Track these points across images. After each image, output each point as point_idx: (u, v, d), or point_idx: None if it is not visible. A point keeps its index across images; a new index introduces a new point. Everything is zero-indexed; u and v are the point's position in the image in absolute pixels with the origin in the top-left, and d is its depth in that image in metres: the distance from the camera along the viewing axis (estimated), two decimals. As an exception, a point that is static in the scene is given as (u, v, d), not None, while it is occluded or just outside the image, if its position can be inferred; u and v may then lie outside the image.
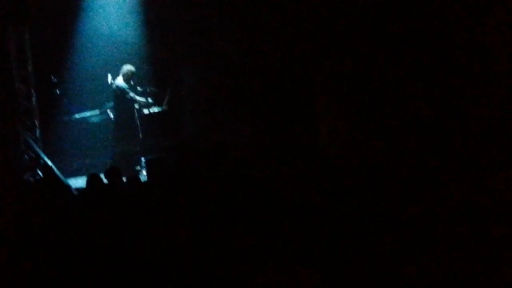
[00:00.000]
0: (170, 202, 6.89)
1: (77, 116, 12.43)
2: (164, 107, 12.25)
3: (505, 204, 6.52)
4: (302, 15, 10.88)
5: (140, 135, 11.80)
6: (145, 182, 10.00)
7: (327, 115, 10.67)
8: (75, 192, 9.32)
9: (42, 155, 11.04)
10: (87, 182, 7.85)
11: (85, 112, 12.47)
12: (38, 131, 11.57)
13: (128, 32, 12.93)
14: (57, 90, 12.16)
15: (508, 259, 5.22)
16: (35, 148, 11.12)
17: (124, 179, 8.41)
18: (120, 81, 11.56)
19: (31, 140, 11.19)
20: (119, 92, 11.55)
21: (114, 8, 12.83)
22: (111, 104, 11.94)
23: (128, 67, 11.61)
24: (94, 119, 12.45)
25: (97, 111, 12.45)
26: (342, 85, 10.34)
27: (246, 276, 4.96)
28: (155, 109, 12.15)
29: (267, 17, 11.56)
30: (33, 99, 11.55)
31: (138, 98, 11.73)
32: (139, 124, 11.79)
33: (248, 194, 6.93)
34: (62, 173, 10.90)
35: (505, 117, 7.92)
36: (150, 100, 11.99)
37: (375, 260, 5.33)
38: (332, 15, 10.27)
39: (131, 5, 12.84)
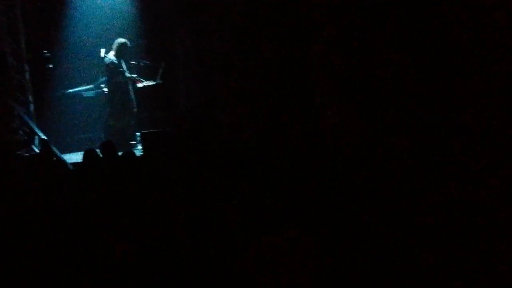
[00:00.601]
0: (166, 176, 6.89)
1: (71, 90, 12.37)
2: (158, 80, 12.20)
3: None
4: None
5: (135, 109, 11.76)
6: (140, 156, 9.99)
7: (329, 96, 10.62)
8: (71, 167, 9.31)
9: (37, 130, 11.00)
10: (84, 157, 7.83)
11: (79, 87, 12.41)
12: (32, 106, 11.52)
13: (121, 4, 12.83)
14: (50, 65, 12.07)
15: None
16: (30, 123, 11.07)
17: (119, 153, 8.40)
18: (111, 55, 11.49)
19: (25, 115, 11.14)
20: (112, 67, 11.49)
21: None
22: (105, 78, 11.88)
23: (120, 41, 11.53)
24: (88, 94, 12.39)
25: (91, 86, 12.39)
26: (343, 72, 10.30)
27: (240, 248, 4.97)
28: (149, 83, 12.11)
29: None
30: (26, 74, 11.48)
31: (128, 74, 11.65)
32: (133, 98, 11.74)
33: (244, 168, 6.93)
34: (57, 148, 10.87)
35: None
36: (139, 76, 11.93)
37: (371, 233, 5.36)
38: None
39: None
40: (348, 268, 4.91)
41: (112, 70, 11.50)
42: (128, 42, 11.61)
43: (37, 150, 10.79)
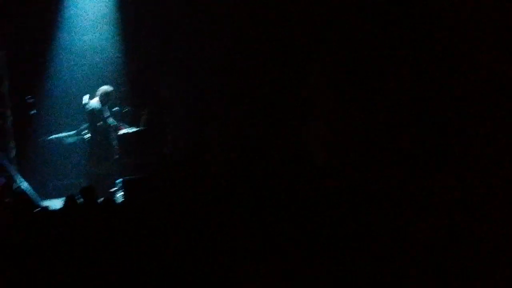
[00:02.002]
0: (148, 223, 6.84)
1: (53, 136, 12.33)
2: (142, 126, 12.19)
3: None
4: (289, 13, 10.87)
5: (116, 156, 11.73)
6: (121, 203, 9.92)
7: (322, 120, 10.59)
8: (51, 213, 9.22)
9: (17, 177, 10.93)
10: (64, 203, 7.77)
11: (61, 133, 12.38)
12: (14, 152, 11.46)
13: (104, 51, 12.90)
14: (33, 110, 12.05)
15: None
16: (10, 169, 11.00)
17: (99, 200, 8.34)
18: (95, 101, 11.50)
19: (5, 161, 11.08)
20: (94, 113, 11.49)
21: (91, 27, 12.83)
22: (87, 125, 11.86)
23: (104, 88, 11.56)
24: (70, 140, 12.34)
25: (73, 132, 12.35)
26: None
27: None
28: (132, 129, 12.09)
29: (251, 16, 11.50)
30: (9, 119, 11.46)
31: (110, 120, 11.64)
32: (115, 145, 11.72)
33: (232, 209, 6.91)
34: (38, 194, 10.79)
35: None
36: (122, 123, 11.93)
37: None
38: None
39: (107, 23, 12.84)
40: None
41: (95, 116, 11.49)
42: (112, 90, 11.63)
43: (17, 197, 10.70)
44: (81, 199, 8.10)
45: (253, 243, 5.75)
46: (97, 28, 12.86)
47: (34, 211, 7.95)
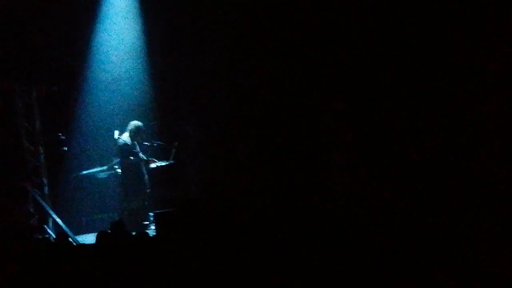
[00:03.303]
0: (181, 257, 6.89)
1: (85, 172, 12.49)
2: (171, 160, 12.32)
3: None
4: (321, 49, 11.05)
5: (148, 190, 11.83)
6: (154, 236, 9.99)
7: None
8: (84, 249, 9.30)
9: (51, 213, 11.06)
10: (97, 239, 7.86)
11: (93, 168, 12.53)
12: (46, 188, 11.62)
13: (134, 85, 13.07)
14: (65, 147, 12.22)
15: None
16: (44, 206, 11.15)
17: (133, 233, 8.42)
18: (125, 136, 11.65)
19: (39, 198, 11.23)
20: (125, 148, 11.62)
21: (120, 61, 13.01)
22: (118, 160, 12.00)
23: (135, 123, 11.70)
24: (102, 175, 12.48)
25: (104, 167, 12.50)
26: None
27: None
28: (162, 163, 12.21)
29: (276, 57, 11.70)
30: (41, 156, 11.64)
31: (141, 155, 11.79)
32: (147, 179, 11.83)
33: (257, 248, 6.94)
34: (71, 230, 10.91)
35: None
36: (152, 157, 12.06)
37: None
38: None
39: (137, 57, 13.02)
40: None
41: (126, 151, 11.63)
42: (142, 125, 11.77)
43: (51, 233, 10.84)
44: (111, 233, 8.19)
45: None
46: (126, 62, 13.04)
47: (71, 246, 8.05)
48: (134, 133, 11.70)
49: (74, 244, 9.75)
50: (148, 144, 12.13)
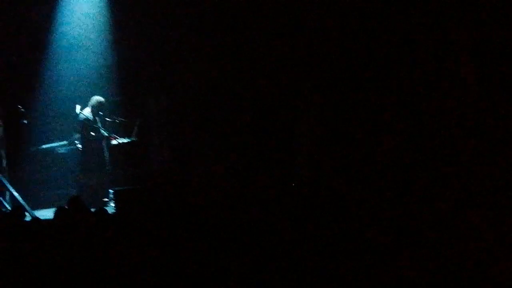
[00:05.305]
0: (140, 234, 6.81)
1: (44, 146, 12.29)
2: (133, 137, 12.19)
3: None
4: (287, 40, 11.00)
5: (108, 167, 11.71)
6: (113, 213, 9.88)
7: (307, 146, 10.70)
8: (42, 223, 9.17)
9: (9, 186, 10.89)
10: (55, 215, 7.73)
11: (53, 143, 12.34)
12: (5, 162, 11.42)
13: (96, 60, 12.88)
14: (25, 120, 12.01)
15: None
16: (1, 179, 10.97)
17: (92, 210, 8.30)
18: (87, 111, 11.50)
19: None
20: (86, 123, 11.48)
21: (82, 35, 12.81)
22: (79, 135, 11.83)
23: (97, 98, 11.58)
24: (62, 150, 12.31)
25: (65, 142, 12.32)
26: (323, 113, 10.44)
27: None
28: (124, 140, 12.07)
29: (245, 35, 11.60)
30: (0, 129, 11.42)
31: (102, 131, 11.65)
32: (107, 156, 11.70)
33: (219, 225, 6.89)
34: (29, 204, 10.74)
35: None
36: (114, 133, 11.92)
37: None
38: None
39: (99, 31, 12.83)
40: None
41: (87, 126, 11.49)
42: (104, 100, 11.63)
43: (8, 207, 10.66)
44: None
45: (246, 253, 5.74)
46: (89, 37, 12.84)
47: (26, 220, 7.92)
48: (96, 108, 11.56)
49: (31, 217, 9.61)
50: (110, 120, 11.98)
